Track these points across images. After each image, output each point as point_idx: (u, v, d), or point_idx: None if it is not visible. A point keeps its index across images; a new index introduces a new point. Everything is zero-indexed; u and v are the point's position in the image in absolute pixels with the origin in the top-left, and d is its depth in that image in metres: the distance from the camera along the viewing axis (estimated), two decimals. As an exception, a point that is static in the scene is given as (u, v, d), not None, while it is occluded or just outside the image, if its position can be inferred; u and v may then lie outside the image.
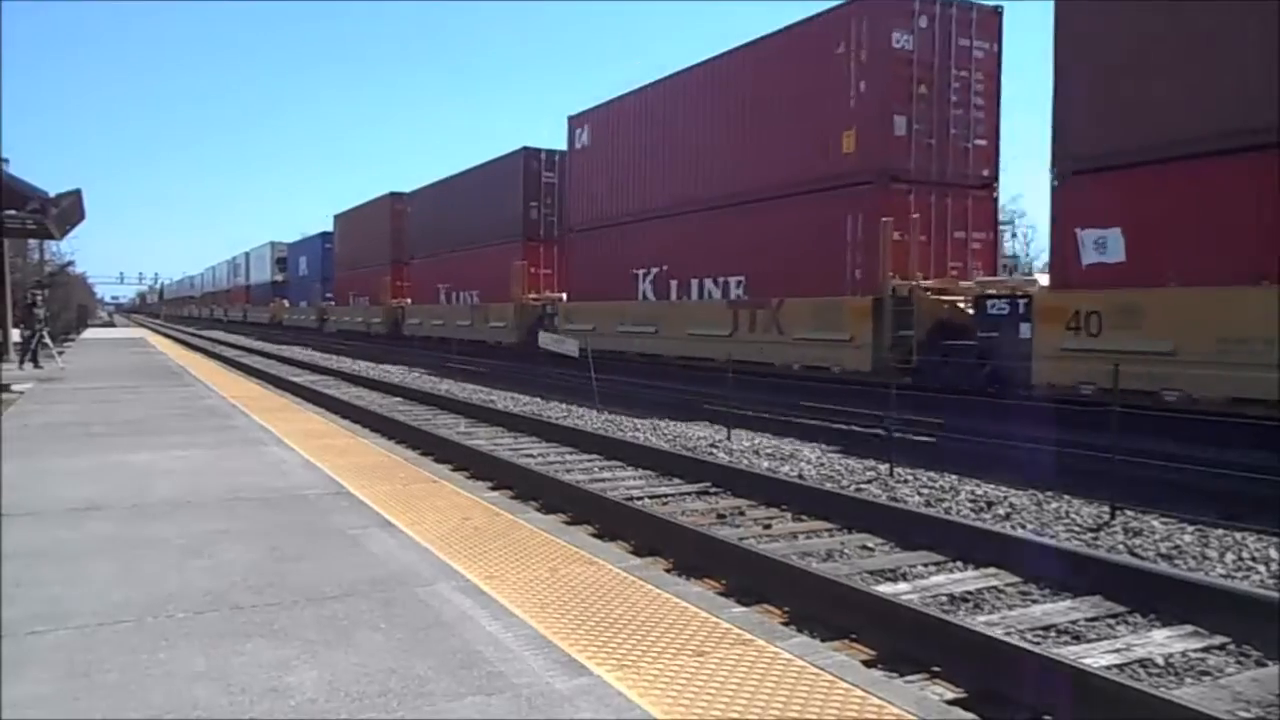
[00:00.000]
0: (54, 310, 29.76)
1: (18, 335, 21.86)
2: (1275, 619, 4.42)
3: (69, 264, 49.60)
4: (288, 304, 52.00)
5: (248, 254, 63.82)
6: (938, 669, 4.22)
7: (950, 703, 3.72)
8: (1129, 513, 7.20)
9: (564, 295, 22.82)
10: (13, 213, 15.81)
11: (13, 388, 13.75)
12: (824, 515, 7.28)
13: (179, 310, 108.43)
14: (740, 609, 4.21)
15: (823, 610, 4.95)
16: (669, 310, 17.98)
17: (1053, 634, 4.75)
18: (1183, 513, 7.22)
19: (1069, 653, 4.31)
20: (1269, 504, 7.07)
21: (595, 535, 6.67)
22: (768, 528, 7.13)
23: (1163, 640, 4.58)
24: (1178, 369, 8.98)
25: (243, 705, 2.75)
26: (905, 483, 8.59)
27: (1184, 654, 4.42)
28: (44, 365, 18.70)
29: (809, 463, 9.76)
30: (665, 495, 8.32)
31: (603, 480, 9.06)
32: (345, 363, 27.61)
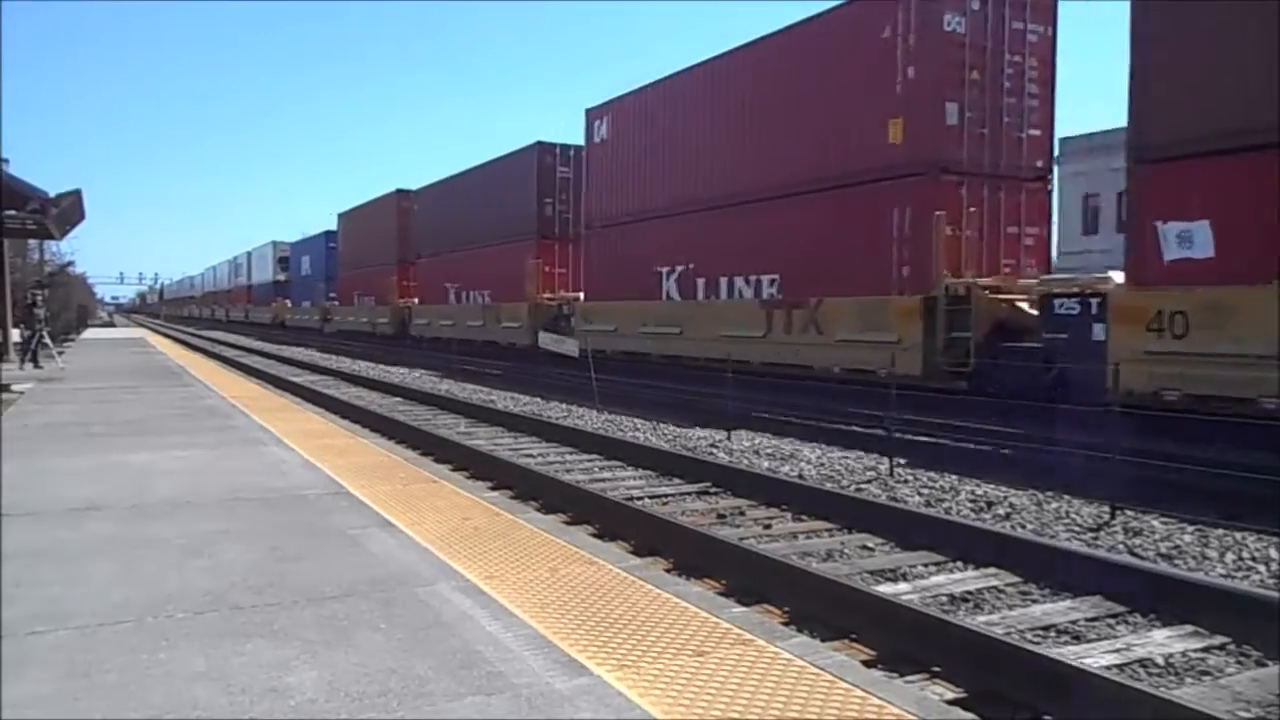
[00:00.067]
0: (54, 310, 29.77)
1: (18, 335, 21.88)
2: (1275, 619, 4.42)
3: (69, 264, 49.64)
4: (290, 304, 51.54)
5: (249, 253, 63.33)
6: (938, 669, 4.22)
7: (950, 703, 3.72)
8: (1129, 513, 7.20)
9: (581, 295, 22.02)
10: (13, 213, 15.82)
11: (13, 388, 13.75)
12: (824, 515, 7.28)
13: (179, 310, 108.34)
14: (740, 609, 4.20)
15: (823, 610, 4.96)
16: (696, 310, 17.11)
17: (1053, 634, 4.75)
18: (1183, 513, 7.22)
19: (1069, 653, 4.31)
20: (1269, 504, 7.07)
21: (595, 535, 6.67)
22: (768, 528, 7.14)
23: (1163, 640, 4.58)
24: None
25: (243, 705, 2.75)
26: (905, 483, 8.59)
27: (1184, 654, 4.42)
28: (44, 365, 18.71)
29: (809, 463, 9.76)
30: (665, 495, 8.32)
31: (603, 480, 9.06)
32: (346, 363, 27.61)
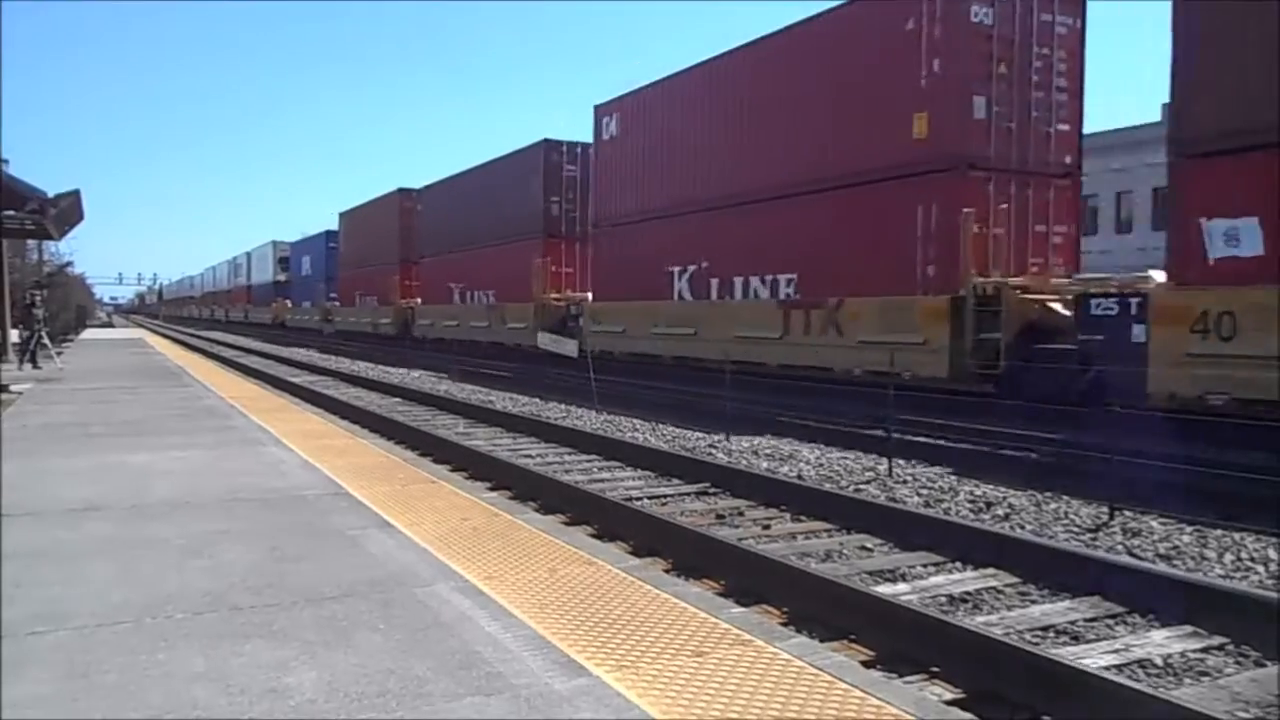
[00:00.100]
0: (52, 311, 29.78)
1: (16, 336, 21.88)
2: (1274, 619, 4.42)
3: (67, 264, 49.58)
4: (290, 304, 51.31)
5: (249, 254, 63.13)
6: (936, 669, 4.23)
7: (949, 703, 3.72)
8: (1127, 513, 7.21)
9: (589, 295, 21.74)
10: (11, 213, 15.79)
11: (11, 388, 13.74)
12: (823, 516, 7.28)
13: (178, 311, 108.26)
14: (739, 609, 4.21)
15: (822, 611, 4.96)
16: (710, 311, 16.71)
17: (1051, 634, 4.75)
18: (1181, 513, 7.23)
19: (1068, 653, 4.31)
20: (1267, 504, 7.07)
21: (594, 536, 6.66)
22: (767, 528, 7.14)
23: (1161, 641, 4.58)
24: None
25: (242, 706, 2.75)
26: (904, 483, 8.59)
27: (1183, 654, 4.42)
28: (42, 366, 18.70)
29: (808, 463, 9.76)
30: (664, 496, 8.32)
31: (601, 481, 9.06)
32: (345, 363, 27.60)
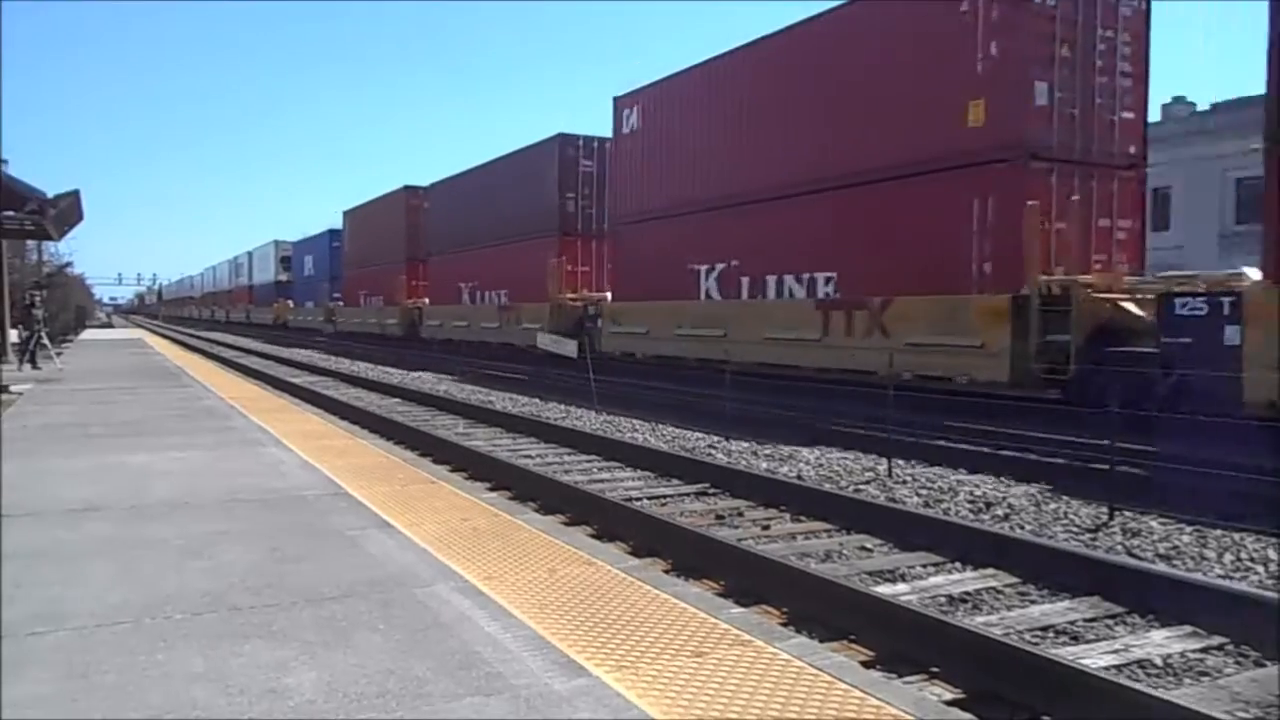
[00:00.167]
0: (52, 311, 29.78)
1: (16, 336, 21.89)
2: (1274, 619, 4.42)
3: (67, 265, 49.54)
4: (293, 305, 50.73)
5: (250, 253, 62.57)
6: (936, 670, 4.23)
7: (948, 703, 3.72)
8: (1127, 513, 7.21)
9: (608, 295, 20.99)
10: (11, 214, 15.79)
11: (11, 389, 13.74)
12: (823, 516, 7.28)
13: (178, 311, 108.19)
14: (739, 610, 4.21)
15: (821, 611, 4.95)
16: (741, 311, 15.91)
17: (1051, 634, 4.75)
18: (1181, 513, 7.23)
19: (1067, 653, 4.32)
20: (1267, 504, 7.07)
21: (594, 536, 6.66)
22: (766, 528, 7.13)
23: (1161, 641, 4.58)
24: None
25: (241, 706, 2.75)
26: (904, 483, 8.59)
27: (1182, 654, 4.42)
28: (42, 366, 18.70)
29: (807, 463, 9.76)
30: (664, 496, 8.32)
31: (601, 481, 9.06)
32: (345, 364, 27.60)
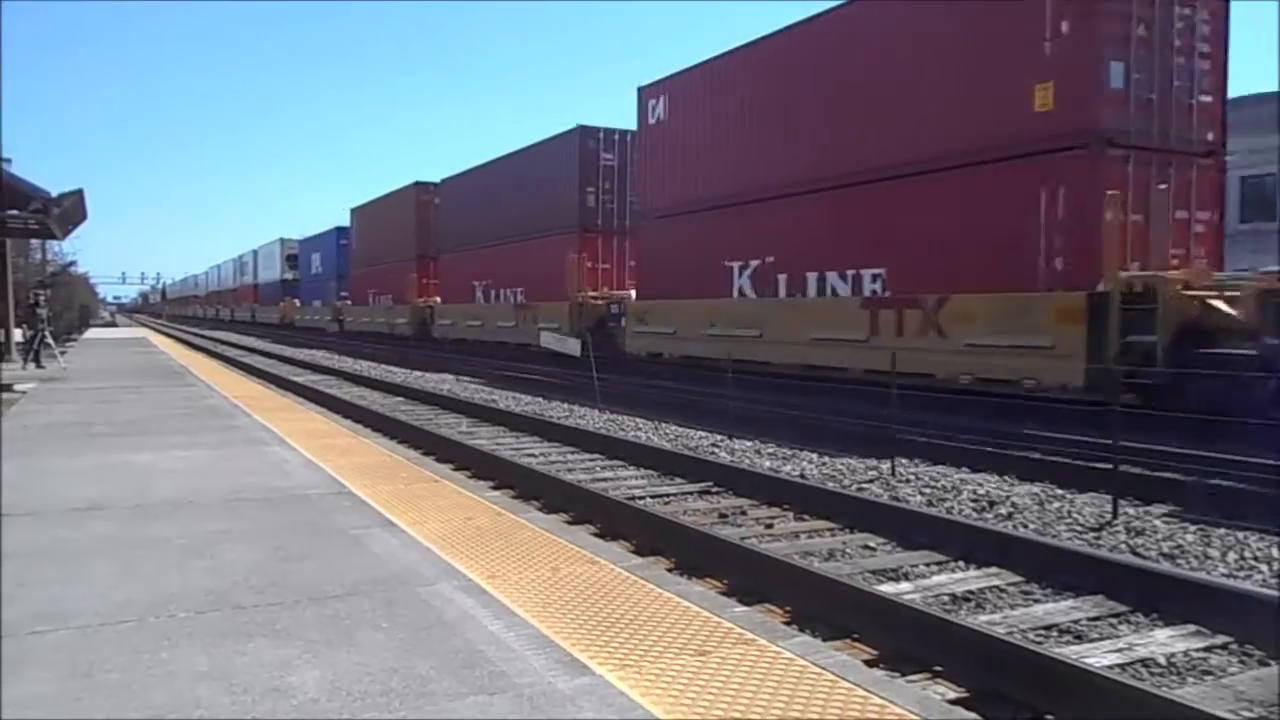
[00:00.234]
0: (56, 310, 29.82)
1: (20, 335, 21.94)
2: (1277, 618, 4.41)
3: (71, 264, 49.55)
4: (299, 304, 50.21)
5: (255, 251, 62.23)
6: (940, 669, 4.22)
7: (952, 702, 3.72)
8: (1131, 512, 7.20)
9: (632, 293, 20.18)
10: (15, 213, 15.84)
11: (15, 387, 13.78)
12: (826, 515, 7.27)
13: (182, 310, 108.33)
14: (742, 608, 4.21)
15: (825, 610, 4.95)
16: (779, 310, 15.08)
17: (1054, 633, 4.75)
18: (1185, 512, 7.22)
19: (1071, 652, 4.31)
20: (1271, 503, 7.06)
21: (597, 535, 6.67)
22: (770, 527, 7.13)
23: (1165, 640, 4.57)
24: None
25: (245, 705, 2.75)
26: (907, 482, 8.58)
27: (1186, 654, 4.41)
28: (46, 365, 18.74)
29: (810, 462, 9.75)
30: (667, 495, 8.31)
31: (604, 480, 9.05)
32: (348, 363, 27.62)
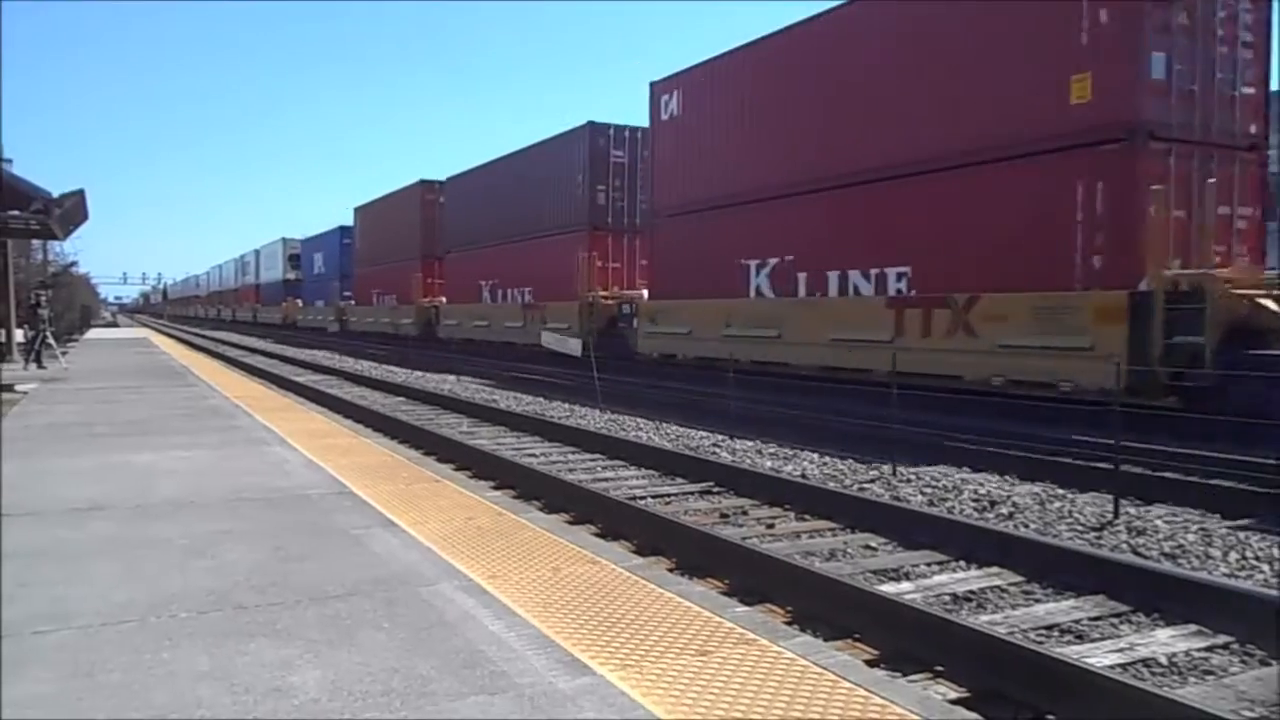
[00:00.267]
0: (58, 311, 29.84)
1: (22, 336, 21.97)
2: (1279, 618, 4.41)
3: (72, 264, 49.59)
4: (301, 304, 49.87)
5: (257, 251, 61.90)
6: (941, 668, 4.22)
7: (953, 702, 3.72)
8: (1132, 511, 7.19)
9: (644, 293, 19.84)
10: (16, 213, 15.85)
11: (17, 388, 13.79)
12: (827, 515, 7.27)
13: (184, 310, 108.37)
14: (743, 608, 4.21)
15: (826, 610, 4.95)
16: (798, 310, 14.67)
17: (1056, 633, 4.74)
18: (1186, 511, 7.21)
19: (1072, 652, 4.31)
20: (1274, 503, 7.06)
21: (598, 535, 6.67)
22: (771, 527, 7.13)
23: (1166, 640, 4.57)
24: None
25: (246, 705, 2.75)
26: (908, 482, 8.58)
27: (1187, 653, 4.40)
28: (48, 366, 18.75)
29: (812, 462, 9.75)
30: (668, 495, 8.31)
31: (605, 480, 9.05)
32: (349, 363, 27.63)
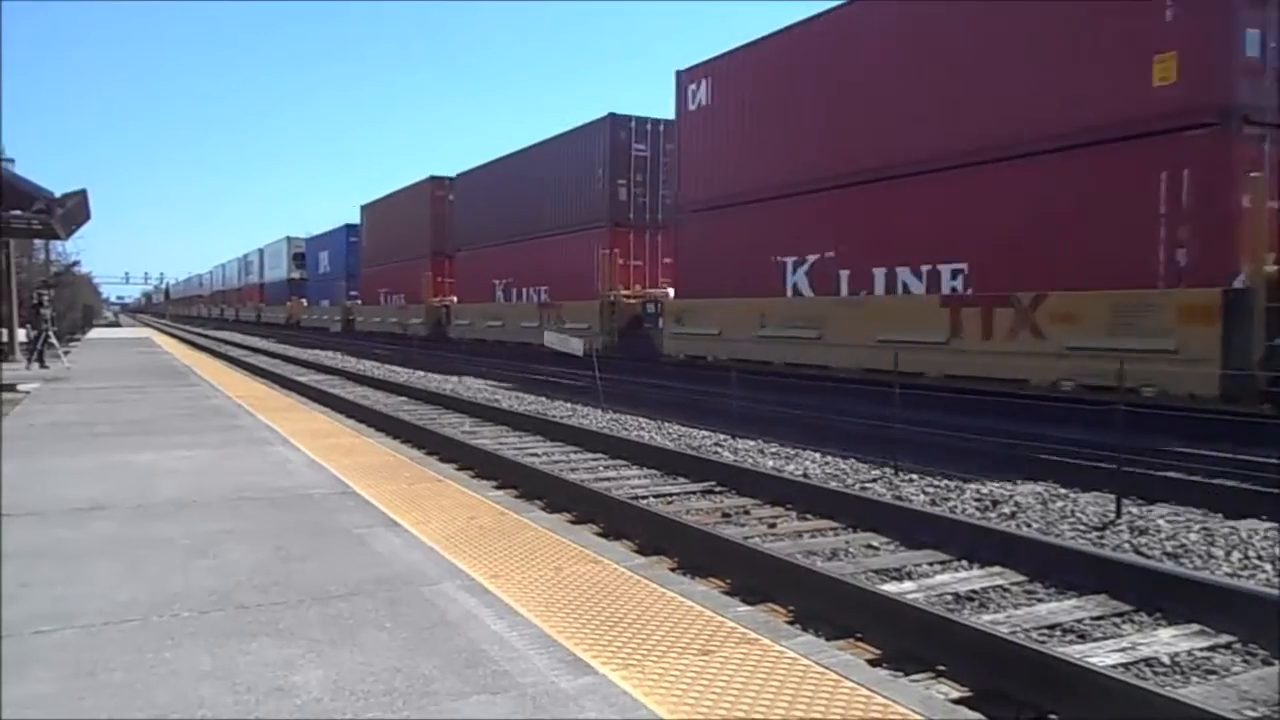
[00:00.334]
0: (60, 310, 29.88)
1: (24, 335, 22.00)
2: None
3: (74, 264, 49.67)
4: (306, 303, 49.24)
5: (261, 250, 61.21)
6: (943, 668, 4.22)
7: (955, 701, 3.72)
8: (1134, 511, 7.19)
9: (670, 291, 18.94)
10: (19, 213, 15.86)
11: (19, 387, 13.81)
12: (829, 514, 7.27)
13: (186, 310, 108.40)
14: (745, 608, 4.21)
15: (828, 609, 4.95)
16: (841, 309, 13.71)
17: (1058, 633, 4.74)
18: (1189, 511, 7.20)
19: (1074, 651, 4.30)
20: (1276, 503, 7.05)
21: (600, 534, 6.67)
22: (773, 527, 7.13)
23: (1169, 639, 4.57)
24: None
25: (248, 704, 2.75)
26: (910, 481, 8.57)
27: (1190, 653, 4.40)
28: (50, 365, 18.77)
29: (814, 461, 9.75)
30: (670, 494, 8.31)
31: (607, 479, 9.06)
32: (350, 362, 27.65)
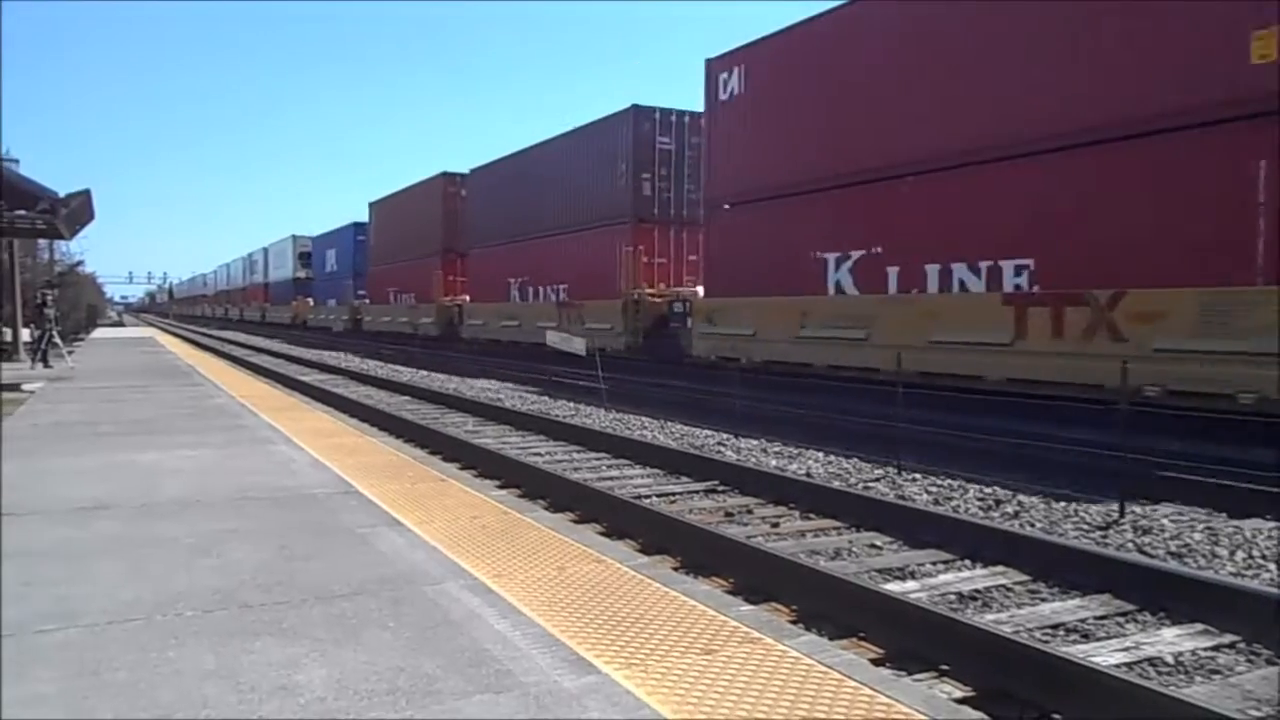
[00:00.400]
0: (64, 310, 29.93)
1: (28, 335, 22.06)
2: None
3: (78, 264, 49.87)
4: (312, 302, 48.66)
5: (266, 249, 60.63)
6: (946, 667, 4.21)
7: (959, 701, 3.72)
8: (1138, 510, 7.18)
9: (699, 289, 18.13)
10: (23, 213, 15.91)
11: (23, 387, 13.85)
12: (832, 513, 7.27)
13: (190, 310, 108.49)
14: (748, 607, 4.20)
15: (831, 608, 4.95)
16: (891, 308, 12.74)
17: (1061, 632, 4.73)
18: (1193, 511, 7.19)
19: (1078, 651, 4.30)
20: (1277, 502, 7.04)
21: (603, 533, 6.67)
22: (776, 526, 7.13)
23: (1172, 639, 4.56)
24: None
25: (252, 704, 2.76)
26: (913, 481, 8.57)
27: (1194, 652, 4.40)
28: (54, 365, 18.81)
29: (817, 461, 9.74)
30: (673, 493, 8.31)
31: (610, 479, 9.06)
32: (353, 361, 27.67)
